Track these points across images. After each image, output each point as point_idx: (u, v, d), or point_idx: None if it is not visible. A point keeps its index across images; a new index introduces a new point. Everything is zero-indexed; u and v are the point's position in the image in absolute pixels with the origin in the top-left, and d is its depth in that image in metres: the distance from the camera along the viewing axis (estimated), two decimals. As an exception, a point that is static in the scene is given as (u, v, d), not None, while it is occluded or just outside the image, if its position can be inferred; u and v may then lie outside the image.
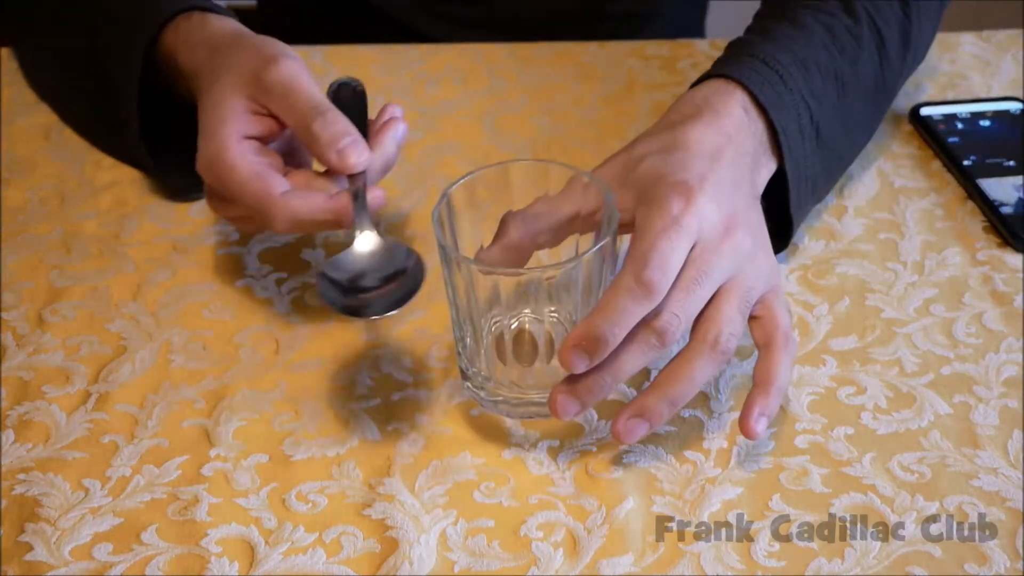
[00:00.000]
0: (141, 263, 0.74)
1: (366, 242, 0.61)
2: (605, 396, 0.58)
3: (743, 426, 0.58)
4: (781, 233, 0.69)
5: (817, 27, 0.72)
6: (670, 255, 0.57)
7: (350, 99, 0.68)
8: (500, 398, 0.61)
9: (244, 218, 0.66)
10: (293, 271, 0.73)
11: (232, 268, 0.73)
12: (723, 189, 0.61)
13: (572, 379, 0.57)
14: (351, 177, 0.63)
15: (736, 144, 0.64)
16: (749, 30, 0.75)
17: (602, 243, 0.57)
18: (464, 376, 0.62)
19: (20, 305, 0.71)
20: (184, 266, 0.73)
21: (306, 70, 0.66)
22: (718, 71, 0.69)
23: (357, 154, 0.63)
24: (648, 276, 0.56)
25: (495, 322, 0.61)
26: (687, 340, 0.59)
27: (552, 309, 0.61)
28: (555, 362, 0.60)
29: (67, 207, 0.78)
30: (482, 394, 0.61)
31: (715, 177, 0.61)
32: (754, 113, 0.67)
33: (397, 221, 0.77)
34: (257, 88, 0.64)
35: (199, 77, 0.68)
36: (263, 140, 0.65)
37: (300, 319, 0.69)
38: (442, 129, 0.86)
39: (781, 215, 0.69)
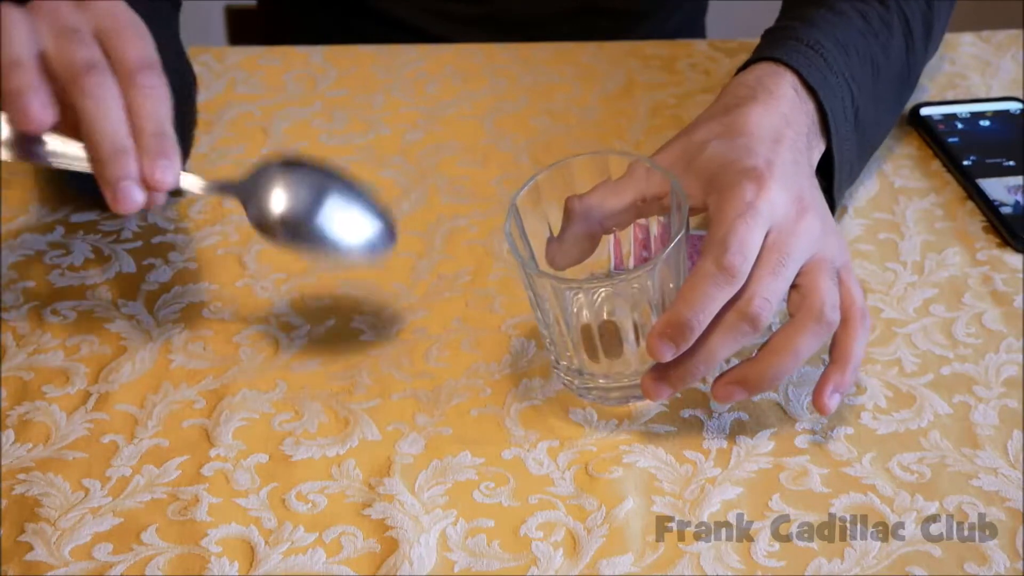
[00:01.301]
0: (141, 263, 0.74)
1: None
2: (697, 381, 0.59)
3: (817, 401, 0.59)
4: None
5: (853, 13, 0.74)
6: (748, 239, 0.58)
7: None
8: (593, 387, 0.61)
9: None
10: (293, 271, 0.73)
11: (232, 268, 0.73)
12: (789, 173, 0.62)
13: (663, 366, 0.58)
14: None
15: (793, 125, 0.65)
16: (786, 16, 0.76)
17: (678, 237, 0.57)
18: (555, 367, 0.63)
19: (20, 305, 0.71)
20: (184, 266, 0.73)
21: (25, 23, 0.61)
22: (764, 55, 0.70)
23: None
24: (728, 260, 0.57)
25: (581, 319, 0.60)
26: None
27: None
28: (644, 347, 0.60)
29: (67, 207, 0.78)
30: (576, 383, 0.62)
31: (780, 161, 0.62)
32: (804, 94, 0.68)
33: (397, 221, 0.77)
34: None
35: None
36: None
37: (300, 319, 0.69)
38: (442, 129, 0.86)
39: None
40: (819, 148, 0.69)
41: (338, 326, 0.69)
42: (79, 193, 0.77)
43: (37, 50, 0.59)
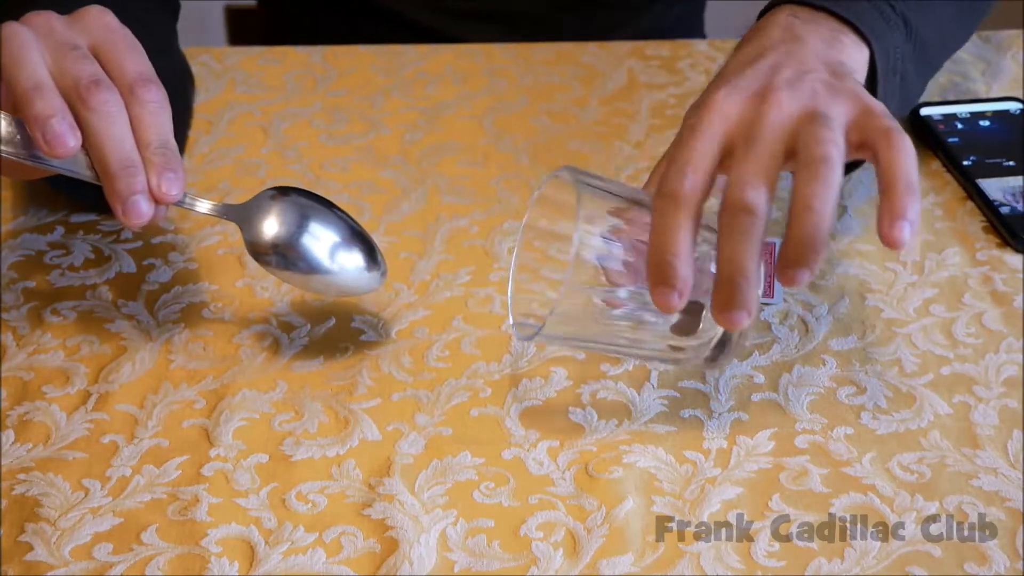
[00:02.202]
0: (141, 263, 0.74)
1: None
2: (753, 302, 0.55)
3: (884, 237, 0.55)
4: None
5: None
6: (681, 157, 0.57)
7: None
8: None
9: None
10: (293, 271, 0.73)
11: (232, 268, 0.73)
12: (739, 63, 0.61)
13: (782, 252, 0.55)
14: None
15: (835, 47, 0.63)
16: None
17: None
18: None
19: (20, 305, 0.71)
20: (184, 266, 0.73)
21: (36, 43, 0.61)
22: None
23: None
24: (665, 186, 0.56)
25: None
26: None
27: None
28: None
29: (67, 207, 0.78)
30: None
31: (739, 59, 0.61)
32: (855, 38, 0.65)
33: (397, 221, 0.77)
34: None
35: None
36: None
37: (300, 319, 0.69)
38: (442, 129, 0.86)
39: None
40: (856, 48, 0.65)
41: (338, 326, 0.69)
42: (74, 200, 0.77)
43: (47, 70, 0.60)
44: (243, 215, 0.64)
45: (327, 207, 0.65)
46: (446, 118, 0.87)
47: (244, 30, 1.30)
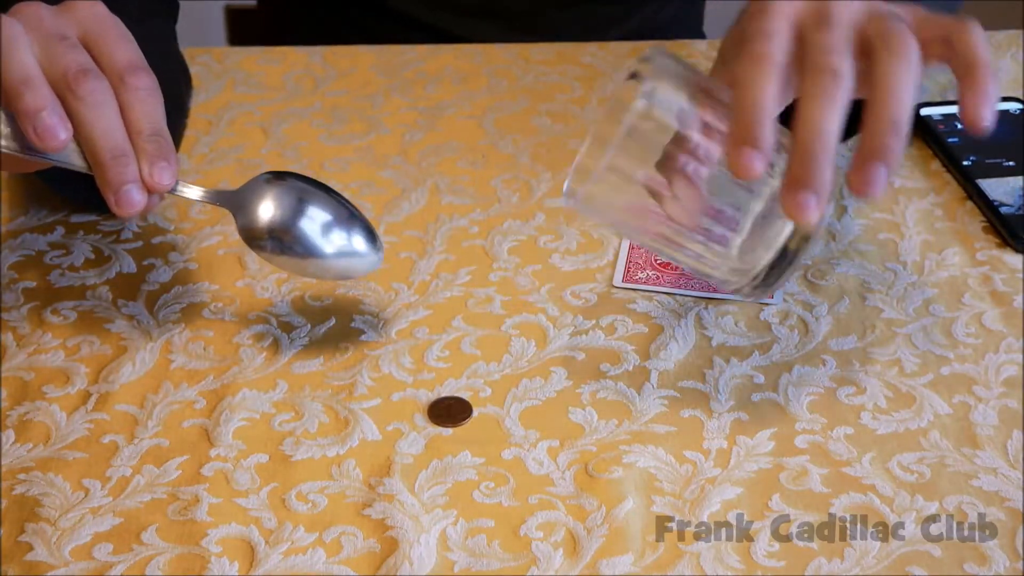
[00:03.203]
0: (141, 263, 0.74)
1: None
2: (830, 169, 0.54)
3: (969, 120, 0.55)
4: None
5: None
6: (765, 26, 0.56)
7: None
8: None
9: None
10: (293, 271, 0.73)
11: (232, 268, 0.73)
12: None
13: (789, 175, 0.54)
14: None
15: None
16: None
17: None
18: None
19: (20, 305, 0.71)
20: (184, 266, 0.73)
21: (24, 35, 0.60)
22: None
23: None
24: (751, 49, 0.55)
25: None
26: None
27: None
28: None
29: (67, 207, 0.78)
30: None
31: None
32: None
33: (397, 221, 0.77)
34: None
35: None
36: None
37: (300, 319, 0.69)
38: (442, 129, 0.86)
39: None
40: None
41: (338, 326, 0.69)
42: (70, 200, 0.77)
43: (36, 61, 0.60)
44: (236, 201, 0.64)
45: (323, 190, 0.65)
46: (446, 118, 0.87)
47: (244, 30, 1.30)
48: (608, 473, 0.60)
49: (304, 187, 0.64)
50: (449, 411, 0.63)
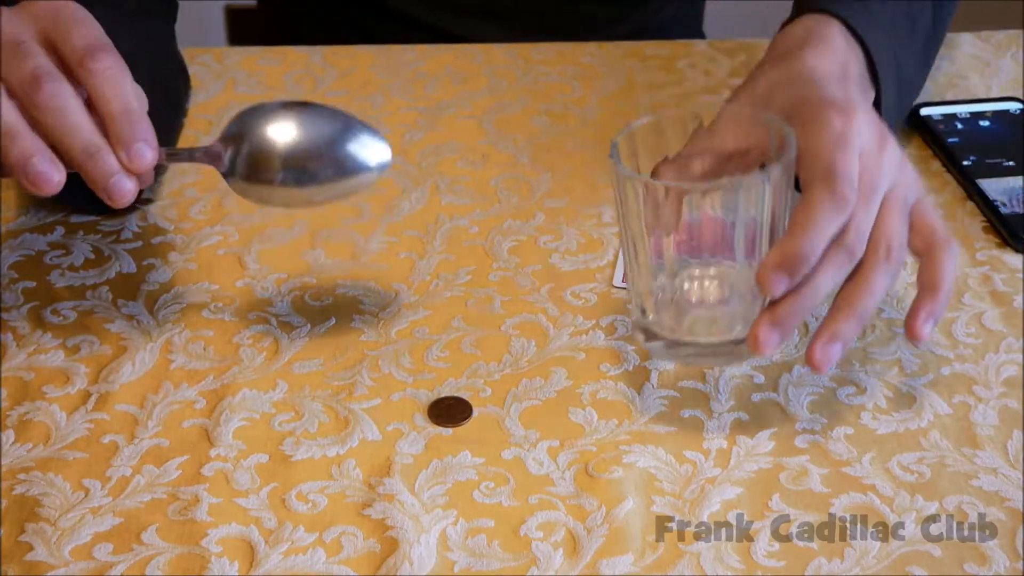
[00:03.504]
0: (141, 263, 0.74)
1: None
2: (802, 321, 0.57)
3: (910, 329, 0.58)
4: None
5: None
6: (852, 167, 0.57)
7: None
8: (666, 342, 0.60)
9: None
10: (293, 271, 0.73)
11: (232, 268, 0.73)
12: (865, 105, 0.62)
13: (769, 310, 0.57)
14: None
15: (850, 68, 0.66)
16: None
17: (789, 154, 0.56)
18: (639, 326, 0.61)
19: (20, 305, 0.71)
20: (184, 266, 0.73)
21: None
22: (808, 6, 0.70)
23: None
24: (842, 191, 0.56)
25: (662, 268, 0.60)
26: None
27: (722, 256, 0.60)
28: (721, 309, 0.59)
29: (67, 207, 0.78)
30: (655, 344, 0.60)
31: (856, 96, 0.62)
32: (853, 42, 0.68)
33: (397, 221, 0.77)
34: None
35: None
36: None
37: (300, 319, 0.69)
38: (442, 129, 0.86)
39: None
40: (871, 93, 0.69)
41: (338, 326, 0.69)
42: (71, 206, 0.77)
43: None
44: (230, 143, 0.62)
45: (312, 107, 0.63)
46: (446, 118, 0.87)
47: (244, 30, 1.30)
48: (608, 473, 0.60)
49: (295, 109, 0.62)
50: (449, 411, 0.63)
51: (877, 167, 0.59)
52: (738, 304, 0.60)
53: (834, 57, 0.66)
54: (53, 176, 0.59)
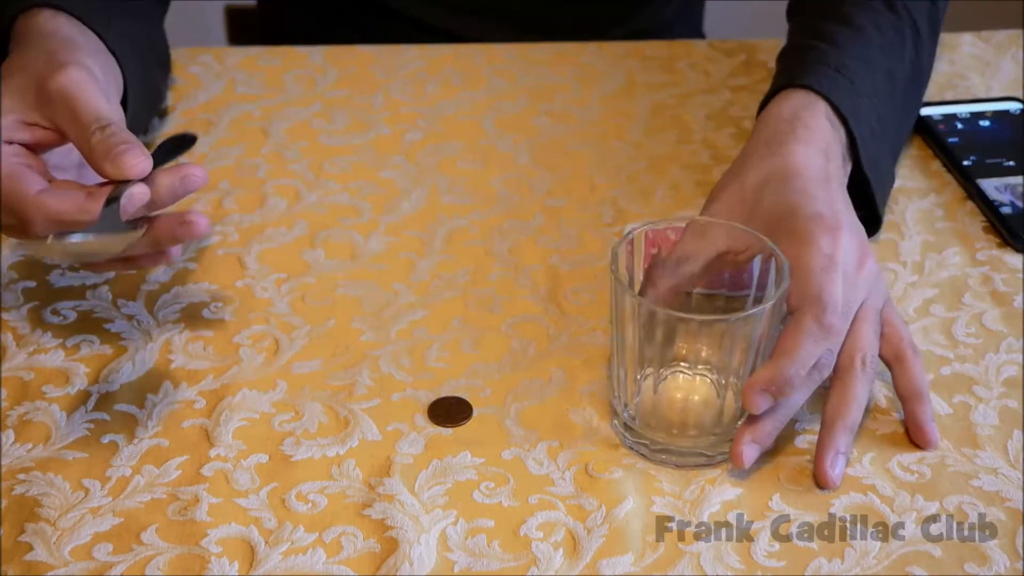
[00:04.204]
0: (141, 263, 0.74)
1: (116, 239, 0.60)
2: (777, 434, 0.60)
3: (920, 438, 0.61)
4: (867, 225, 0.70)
5: (870, 27, 0.75)
6: (838, 295, 0.60)
7: (174, 145, 0.65)
8: (645, 441, 0.60)
9: (7, 225, 0.62)
10: (293, 271, 0.73)
11: (232, 268, 0.73)
12: (848, 217, 0.64)
13: (750, 425, 0.59)
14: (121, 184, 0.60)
15: (833, 159, 0.68)
16: (802, 33, 0.78)
17: (776, 297, 0.57)
18: (615, 415, 0.62)
19: (20, 305, 0.71)
20: (184, 266, 0.73)
21: (96, 81, 0.63)
22: (795, 81, 0.72)
23: (133, 156, 0.59)
24: (829, 320, 0.59)
25: (648, 374, 0.61)
26: None
27: (705, 366, 0.61)
28: (701, 419, 0.61)
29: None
30: (627, 436, 0.61)
31: (840, 205, 0.65)
32: (836, 122, 0.70)
33: (397, 221, 0.77)
34: (39, 96, 0.62)
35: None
36: (34, 148, 0.63)
37: (300, 319, 0.69)
38: (442, 129, 0.86)
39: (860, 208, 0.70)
40: (848, 168, 0.71)
41: (338, 326, 0.69)
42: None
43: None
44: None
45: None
46: (446, 118, 0.87)
47: (244, 30, 1.30)
48: (608, 473, 0.60)
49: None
50: (449, 411, 0.63)
51: (854, 287, 0.61)
52: (710, 414, 0.61)
53: (817, 148, 0.68)
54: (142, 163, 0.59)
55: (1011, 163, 0.80)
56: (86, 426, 0.63)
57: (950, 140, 0.82)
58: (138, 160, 0.59)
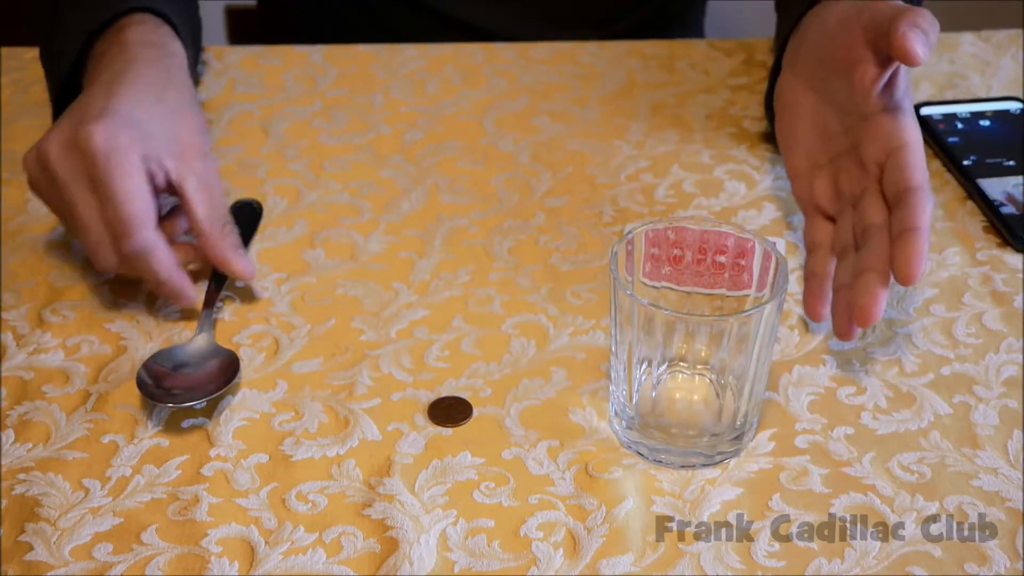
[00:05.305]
0: (141, 263, 0.74)
1: (200, 342, 0.67)
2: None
3: (897, 45, 0.63)
4: None
5: None
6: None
7: (246, 217, 0.76)
8: (645, 441, 0.60)
9: (79, 225, 0.67)
10: (293, 271, 0.73)
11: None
12: None
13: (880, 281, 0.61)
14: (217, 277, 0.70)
15: None
16: None
17: (778, 299, 0.57)
18: (615, 415, 0.62)
19: (20, 305, 0.71)
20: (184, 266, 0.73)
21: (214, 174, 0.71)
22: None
23: (244, 264, 0.69)
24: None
25: (647, 373, 0.61)
26: None
27: (705, 366, 0.61)
28: (701, 419, 0.61)
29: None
30: (627, 436, 0.61)
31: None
32: None
33: (397, 220, 0.77)
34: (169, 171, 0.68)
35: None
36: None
37: (300, 319, 0.69)
38: (442, 129, 0.86)
39: None
40: None
41: (338, 326, 0.69)
42: None
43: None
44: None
45: None
46: (446, 118, 0.87)
47: (244, 30, 1.30)
48: (608, 473, 0.60)
49: None
50: (449, 411, 0.63)
51: None
52: (710, 414, 0.61)
53: None
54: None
55: (1011, 163, 0.80)
56: (86, 426, 0.63)
57: (950, 140, 0.82)
58: (247, 267, 0.69)
